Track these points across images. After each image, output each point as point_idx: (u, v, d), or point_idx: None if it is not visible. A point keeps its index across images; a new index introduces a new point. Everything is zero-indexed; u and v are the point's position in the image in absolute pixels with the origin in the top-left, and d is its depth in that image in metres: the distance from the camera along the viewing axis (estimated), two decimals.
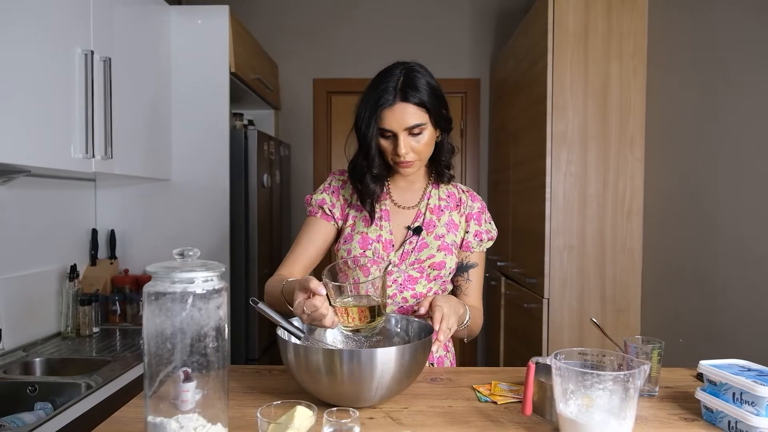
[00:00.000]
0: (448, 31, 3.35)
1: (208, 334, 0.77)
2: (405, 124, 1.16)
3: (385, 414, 0.94)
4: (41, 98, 1.58)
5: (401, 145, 1.17)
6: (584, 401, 0.81)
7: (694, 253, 1.80)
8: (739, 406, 0.86)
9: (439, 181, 1.34)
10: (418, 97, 1.16)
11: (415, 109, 1.16)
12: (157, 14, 2.28)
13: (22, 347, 1.87)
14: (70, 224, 2.25)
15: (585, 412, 0.81)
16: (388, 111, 1.16)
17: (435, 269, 1.25)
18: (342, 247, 1.27)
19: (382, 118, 1.16)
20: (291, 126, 3.42)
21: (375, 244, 1.24)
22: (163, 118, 2.35)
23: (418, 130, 1.17)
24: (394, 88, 1.16)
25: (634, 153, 2.09)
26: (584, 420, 0.80)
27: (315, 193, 1.33)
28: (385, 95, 1.16)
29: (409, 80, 1.17)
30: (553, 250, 2.10)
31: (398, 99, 1.15)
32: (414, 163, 1.21)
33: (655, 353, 1.04)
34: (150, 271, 0.76)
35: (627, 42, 2.07)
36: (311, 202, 1.32)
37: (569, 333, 2.09)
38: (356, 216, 1.29)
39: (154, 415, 0.77)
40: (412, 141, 1.18)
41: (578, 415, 0.81)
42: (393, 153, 1.19)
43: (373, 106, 1.17)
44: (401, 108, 1.15)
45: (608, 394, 0.80)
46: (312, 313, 0.95)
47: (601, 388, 0.80)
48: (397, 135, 1.17)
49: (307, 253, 1.29)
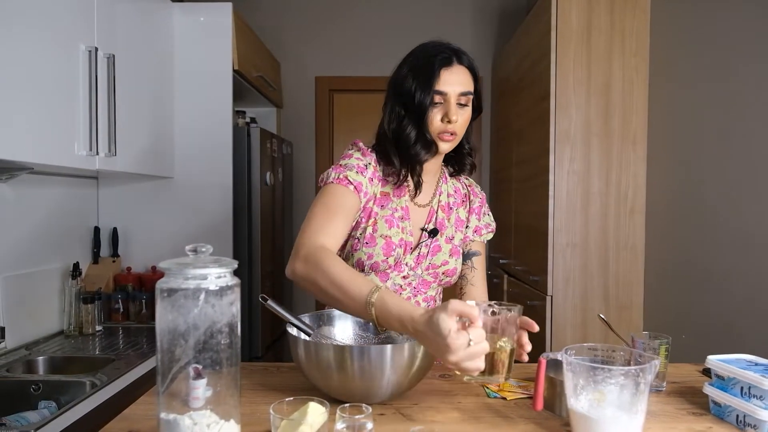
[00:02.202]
0: (450, 30, 3.35)
1: (222, 330, 0.77)
2: (460, 87, 1.12)
3: (396, 410, 0.94)
4: (45, 95, 1.57)
5: (452, 110, 1.11)
6: (595, 396, 0.81)
7: (696, 249, 1.81)
8: (748, 400, 0.86)
9: (455, 172, 1.30)
10: (471, 62, 1.16)
11: (469, 75, 1.14)
12: (160, 11, 2.28)
13: (25, 345, 1.87)
14: (72, 222, 2.24)
15: (596, 407, 0.81)
16: (447, 71, 1.11)
17: (448, 276, 1.26)
18: (363, 249, 1.17)
19: (440, 78, 1.11)
20: (293, 124, 3.42)
21: (398, 250, 1.19)
22: (166, 116, 2.34)
23: (465, 101, 1.14)
24: (449, 48, 1.14)
25: (637, 151, 2.10)
26: (595, 415, 0.80)
27: (348, 169, 1.14)
28: (443, 55, 1.12)
29: (458, 48, 1.16)
30: (556, 247, 2.10)
31: (455, 61, 1.13)
32: (456, 137, 1.15)
33: (662, 349, 1.04)
34: (163, 267, 0.76)
35: (629, 40, 2.08)
36: (347, 175, 1.13)
37: (572, 330, 2.10)
38: (378, 215, 1.19)
39: (167, 411, 0.77)
40: (459, 112, 1.13)
41: (589, 410, 0.81)
42: (440, 121, 1.12)
43: (429, 66, 1.11)
44: (458, 70, 1.13)
45: (619, 389, 0.80)
46: (474, 348, 0.80)
47: (612, 383, 0.80)
48: (449, 100, 1.12)
49: (342, 229, 1.11)
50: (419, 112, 1.12)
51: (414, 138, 1.15)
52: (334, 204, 1.10)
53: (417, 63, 1.14)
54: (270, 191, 2.73)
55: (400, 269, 1.21)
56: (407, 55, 1.18)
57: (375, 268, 1.18)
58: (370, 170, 1.17)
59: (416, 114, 1.13)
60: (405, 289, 1.23)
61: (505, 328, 0.93)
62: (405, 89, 1.14)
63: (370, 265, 1.18)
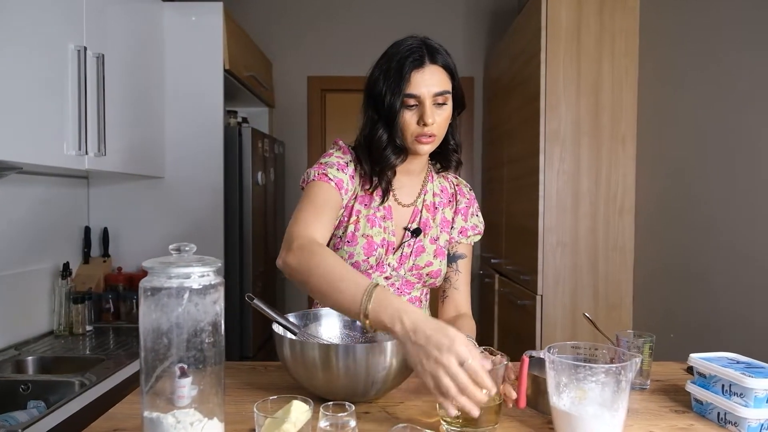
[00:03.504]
0: (441, 30, 3.34)
1: (205, 329, 0.77)
2: (434, 88, 1.09)
3: (381, 408, 0.95)
4: (34, 95, 1.57)
5: (428, 113, 1.08)
6: (577, 394, 0.82)
7: (685, 249, 1.82)
8: (728, 397, 0.87)
9: (442, 169, 1.28)
10: (445, 60, 1.12)
11: (443, 74, 1.11)
12: (150, 11, 2.27)
13: (14, 346, 1.86)
14: (63, 222, 2.23)
15: (578, 404, 0.82)
16: (417, 73, 1.08)
17: (432, 277, 1.24)
18: (345, 248, 1.17)
19: (411, 81, 1.08)
20: (285, 124, 3.42)
21: (379, 250, 1.18)
22: (157, 116, 2.34)
23: (443, 100, 1.10)
24: (421, 48, 1.10)
25: (626, 151, 2.11)
26: (577, 412, 0.81)
27: (329, 166, 1.15)
28: (414, 56, 1.08)
29: (433, 45, 1.13)
30: (546, 247, 2.11)
31: (428, 61, 1.09)
32: (435, 138, 1.12)
33: (646, 347, 1.05)
34: (146, 267, 0.76)
35: (619, 41, 2.09)
36: (327, 173, 1.13)
37: (562, 329, 2.11)
38: (360, 213, 1.19)
39: (150, 410, 0.77)
40: (436, 113, 1.10)
41: (571, 407, 0.82)
42: (416, 124, 1.10)
43: (399, 69, 1.08)
44: (431, 71, 1.09)
45: (600, 387, 0.81)
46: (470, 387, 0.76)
47: (593, 380, 0.81)
48: (424, 102, 1.08)
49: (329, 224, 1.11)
50: (389, 116, 1.10)
51: (385, 142, 1.13)
52: (320, 200, 1.10)
53: (388, 65, 1.11)
54: (262, 191, 2.73)
55: (382, 270, 1.19)
56: (381, 56, 1.15)
57: (356, 268, 1.15)
58: (350, 168, 1.17)
59: (387, 118, 1.11)
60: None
61: (495, 381, 0.85)
62: (376, 92, 1.12)
63: (351, 264, 1.16)
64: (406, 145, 1.13)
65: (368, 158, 1.16)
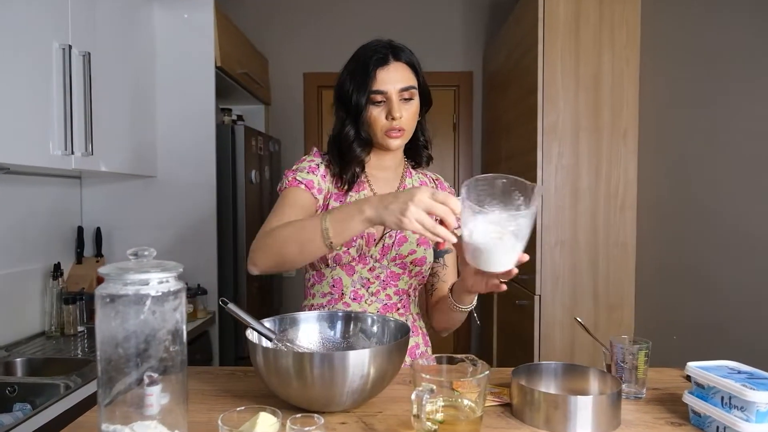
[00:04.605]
0: (439, 23, 3.29)
1: (164, 338, 0.73)
2: (399, 83, 1.14)
3: (358, 418, 0.90)
4: (19, 94, 1.54)
5: (395, 108, 1.13)
6: (486, 227, 0.87)
7: (690, 247, 1.76)
8: (728, 411, 0.82)
9: (416, 165, 1.31)
10: (410, 58, 1.18)
11: (408, 71, 1.16)
12: (140, 8, 2.24)
13: (5, 347, 1.84)
14: (55, 222, 2.21)
15: (483, 234, 0.87)
16: (383, 71, 1.14)
17: (417, 265, 1.23)
18: None
19: (377, 78, 1.13)
20: (281, 121, 3.38)
21: (359, 241, 1.19)
22: (148, 114, 2.30)
23: (409, 95, 1.15)
24: (385, 48, 1.16)
25: (627, 145, 2.05)
26: (479, 240, 0.87)
27: (299, 171, 1.20)
28: (378, 55, 1.15)
29: (397, 45, 1.19)
30: (544, 245, 2.06)
31: (392, 58, 1.15)
32: (404, 132, 1.17)
33: (641, 354, 1.00)
34: (102, 273, 0.72)
35: (619, 31, 2.02)
36: (296, 176, 1.18)
37: (561, 330, 2.05)
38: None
39: (108, 423, 0.73)
40: (403, 108, 1.15)
41: (470, 237, 0.87)
42: (385, 119, 1.15)
43: (364, 68, 1.14)
44: (395, 67, 1.15)
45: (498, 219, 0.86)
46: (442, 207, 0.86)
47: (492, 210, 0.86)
48: (390, 98, 1.14)
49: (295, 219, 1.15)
50: (356, 113, 1.16)
51: (352, 137, 1.18)
52: (287, 202, 1.15)
53: (354, 66, 1.17)
54: (256, 189, 2.69)
55: (365, 262, 1.20)
56: (348, 60, 1.21)
57: (338, 261, 1.19)
58: (321, 168, 1.22)
59: (354, 115, 1.16)
60: (373, 282, 1.21)
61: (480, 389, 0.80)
62: (344, 92, 1.17)
63: (332, 258, 1.18)
64: (376, 140, 1.19)
65: (337, 155, 1.21)
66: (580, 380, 0.96)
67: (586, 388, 0.96)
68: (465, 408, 0.82)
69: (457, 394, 0.83)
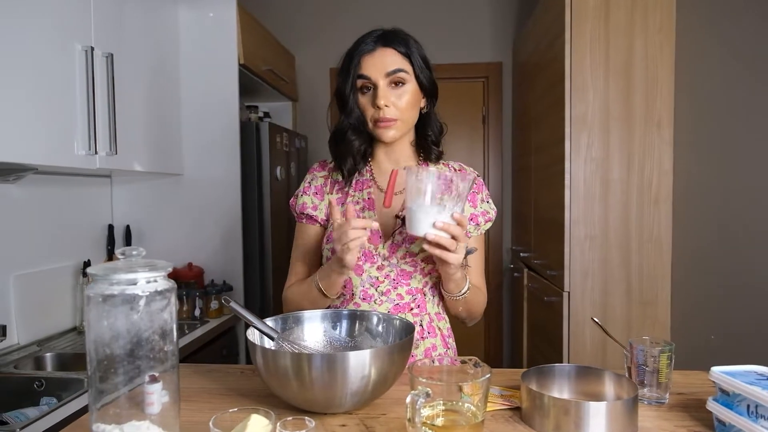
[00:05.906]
0: (467, 14, 3.21)
1: (152, 338, 0.72)
2: (385, 68, 1.10)
3: (360, 420, 0.88)
4: (42, 95, 1.57)
5: (380, 95, 1.09)
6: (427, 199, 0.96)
7: (729, 242, 1.65)
8: (755, 420, 0.75)
9: (427, 161, 1.24)
10: (400, 43, 1.12)
11: (396, 54, 1.11)
12: (164, 8, 2.27)
13: (37, 342, 1.90)
14: (86, 220, 2.27)
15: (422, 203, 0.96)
16: (367, 57, 1.11)
17: (429, 263, 1.17)
18: (325, 246, 1.19)
19: (361, 65, 1.11)
20: (309, 117, 3.38)
21: None
22: (173, 113, 2.34)
23: (398, 79, 1.10)
24: (373, 35, 1.14)
25: (662, 135, 1.94)
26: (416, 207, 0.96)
27: (297, 197, 1.25)
28: (364, 45, 1.12)
29: (390, 31, 1.15)
30: (573, 240, 1.97)
31: (379, 45, 1.12)
32: (395, 122, 1.12)
33: (663, 356, 0.93)
34: (90, 273, 0.72)
35: (653, 15, 1.91)
36: (296, 208, 1.25)
37: (591, 328, 1.97)
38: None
39: (99, 423, 0.73)
40: (392, 95, 1.11)
41: (416, 206, 0.96)
42: (372, 108, 1.11)
43: (350, 56, 1.13)
44: (381, 53, 1.11)
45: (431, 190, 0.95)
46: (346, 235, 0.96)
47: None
48: (377, 85, 1.10)
49: (306, 264, 1.25)
50: (344, 101, 1.14)
51: (346, 127, 1.16)
52: (297, 245, 1.26)
53: (344, 60, 1.15)
54: (282, 186, 2.69)
55: (372, 261, 1.16)
56: None
57: None
58: (315, 183, 1.24)
59: (345, 105, 1.14)
60: (383, 281, 1.16)
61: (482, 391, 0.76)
62: (336, 86, 1.17)
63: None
64: (368, 130, 1.16)
65: (334, 149, 1.20)
66: (595, 384, 0.91)
67: (600, 393, 0.90)
68: (466, 412, 0.78)
69: (466, 398, 0.79)
